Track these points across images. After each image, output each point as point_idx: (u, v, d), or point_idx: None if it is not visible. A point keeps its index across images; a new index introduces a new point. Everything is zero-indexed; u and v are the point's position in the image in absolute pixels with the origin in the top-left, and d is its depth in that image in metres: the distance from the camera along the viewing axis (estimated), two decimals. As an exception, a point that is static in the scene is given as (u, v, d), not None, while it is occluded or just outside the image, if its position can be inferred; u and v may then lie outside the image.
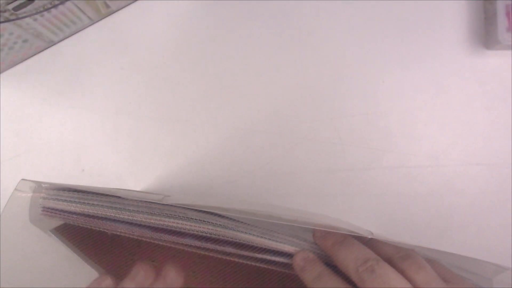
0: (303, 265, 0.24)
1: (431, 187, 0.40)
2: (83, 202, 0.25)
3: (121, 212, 0.25)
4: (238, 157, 0.40)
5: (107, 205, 0.25)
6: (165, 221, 0.24)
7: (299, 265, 0.24)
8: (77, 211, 0.25)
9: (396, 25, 0.41)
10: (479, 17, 0.40)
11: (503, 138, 0.40)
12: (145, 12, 0.40)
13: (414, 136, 0.40)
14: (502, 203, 0.40)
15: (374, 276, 0.21)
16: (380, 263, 0.22)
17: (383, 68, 0.41)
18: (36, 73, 0.40)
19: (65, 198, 0.25)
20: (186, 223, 0.24)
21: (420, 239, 0.40)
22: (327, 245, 0.25)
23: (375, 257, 0.23)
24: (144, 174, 0.40)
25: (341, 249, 0.24)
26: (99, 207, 0.25)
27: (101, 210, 0.25)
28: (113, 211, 0.25)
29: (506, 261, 0.40)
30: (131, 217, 0.25)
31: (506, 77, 0.40)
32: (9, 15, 0.31)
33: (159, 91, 0.40)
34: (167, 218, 0.25)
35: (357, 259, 0.23)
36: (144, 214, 0.25)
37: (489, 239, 0.40)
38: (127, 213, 0.25)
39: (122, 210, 0.25)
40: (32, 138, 0.40)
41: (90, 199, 0.25)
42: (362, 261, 0.22)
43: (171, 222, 0.24)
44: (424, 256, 0.25)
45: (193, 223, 0.24)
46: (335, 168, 0.40)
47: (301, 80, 0.41)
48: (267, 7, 0.41)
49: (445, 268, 0.24)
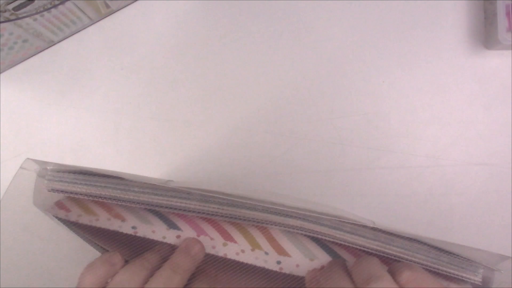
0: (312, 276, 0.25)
1: (431, 187, 0.40)
2: (88, 184, 0.25)
3: (125, 193, 0.25)
4: (238, 157, 0.40)
5: (111, 186, 0.25)
6: (170, 201, 0.25)
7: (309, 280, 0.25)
8: (82, 192, 0.25)
9: (396, 25, 0.41)
10: (479, 17, 0.40)
11: (503, 138, 0.40)
12: (145, 12, 0.40)
13: (414, 136, 0.40)
14: (502, 203, 0.40)
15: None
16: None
17: (383, 68, 0.41)
18: (36, 73, 0.40)
19: (70, 180, 0.25)
20: (191, 203, 0.25)
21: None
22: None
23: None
24: (144, 174, 0.40)
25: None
26: (104, 188, 0.25)
27: (105, 190, 0.25)
28: (117, 192, 0.25)
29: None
30: (136, 197, 0.25)
31: (506, 77, 0.40)
32: (9, 15, 0.31)
33: (159, 91, 0.40)
34: (172, 198, 0.25)
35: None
36: (149, 194, 0.25)
37: (489, 239, 0.40)
38: (132, 193, 0.25)
39: (126, 191, 0.25)
40: (32, 138, 0.40)
41: (95, 180, 0.25)
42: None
43: (176, 201, 0.25)
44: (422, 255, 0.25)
45: (197, 202, 0.25)
46: (335, 168, 0.40)
47: (301, 80, 0.41)
48: (267, 7, 0.41)
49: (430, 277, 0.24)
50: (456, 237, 0.40)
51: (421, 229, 0.40)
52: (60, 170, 0.26)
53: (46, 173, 0.26)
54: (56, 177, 0.25)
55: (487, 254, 0.24)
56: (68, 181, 0.25)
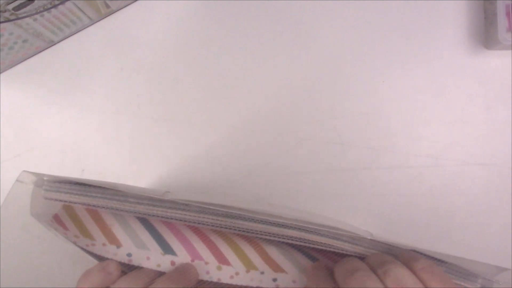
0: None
1: (431, 187, 0.40)
2: (85, 194, 0.25)
3: (122, 204, 0.25)
4: (238, 157, 0.40)
5: (108, 197, 0.25)
6: (167, 212, 0.25)
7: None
8: (78, 202, 0.25)
9: (396, 25, 0.41)
10: (479, 17, 0.40)
11: (503, 138, 0.40)
12: (145, 12, 0.40)
13: (414, 136, 0.40)
14: (502, 203, 0.40)
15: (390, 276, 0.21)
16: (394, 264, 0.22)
17: (383, 68, 0.41)
18: (36, 73, 0.40)
19: (67, 190, 0.25)
20: (189, 214, 0.25)
21: (420, 239, 0.40)
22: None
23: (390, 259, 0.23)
24: (144, 174, 0.40)
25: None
26: (100, 198, 0.25)
27: (102, 201, 0.25)
28: (114, 202, 0.25)
29: (506, 260, 0.40)
30: (132, 208, 0.25)
31: (506, 77, 0.40)
32: (9, 15, 0.31)
33: (159, 91, 0.40)
34: (169, 209, 0.25)
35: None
36: (145, 205, 0.25)
37: (489, 239, 0.40)
38: (128, 204, 0.25)
39: (123, 201, 0.25)
40: (32, 138, 0.40)
41: (91, 191, 0.25)
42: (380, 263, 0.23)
43: (173, 212, 0.25)
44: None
45: (195, 213, 0.25)
46: (335, 168, 0.40)
47: (301, 80, 0.41)
48: (267, 7, 0.41)
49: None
50: (456, 237, 0.40)
51: (421, 229, 0.40)
52: (56, 181, 0.26)
53: (43, 183, 0.26)
54: (53, 187, 0.25)
55: (485, 266, 0.24)
56: (65, 191, 0.25)
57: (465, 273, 0.25)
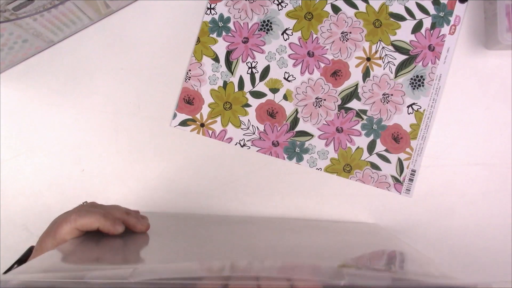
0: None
1: (431, 187, 0.40)
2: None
3: None
4: (238, 157, 0.40)
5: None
6: None
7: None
8: None
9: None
10: (479, 17, 0.40)
11: (503, 138, 0.40)
12: (145, 12, 0.40)
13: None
14: (502, 203, 0.40)
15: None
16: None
17: (383, 68, 0.41)
18: (36, 73, 0.40)
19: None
20: None
21: (420, 239, 0.40)
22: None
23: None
24: (144, 174, 0.40)
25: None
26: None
27: None
28: None
29: (506, 260, 0.40)
30: None
31: (506, 77, 0.40)
32: (9, 15, 0.31)
33: (159, 91, 0.40)
34: None
35: None
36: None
37: (489, 239, 0.40)
38: None
39: None
40: (32, 138, 0.40)
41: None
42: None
43: None
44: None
45: None
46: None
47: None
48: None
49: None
50: (456, 237, 0.40)
51: (421, 229, 0.40)
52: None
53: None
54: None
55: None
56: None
57: None
